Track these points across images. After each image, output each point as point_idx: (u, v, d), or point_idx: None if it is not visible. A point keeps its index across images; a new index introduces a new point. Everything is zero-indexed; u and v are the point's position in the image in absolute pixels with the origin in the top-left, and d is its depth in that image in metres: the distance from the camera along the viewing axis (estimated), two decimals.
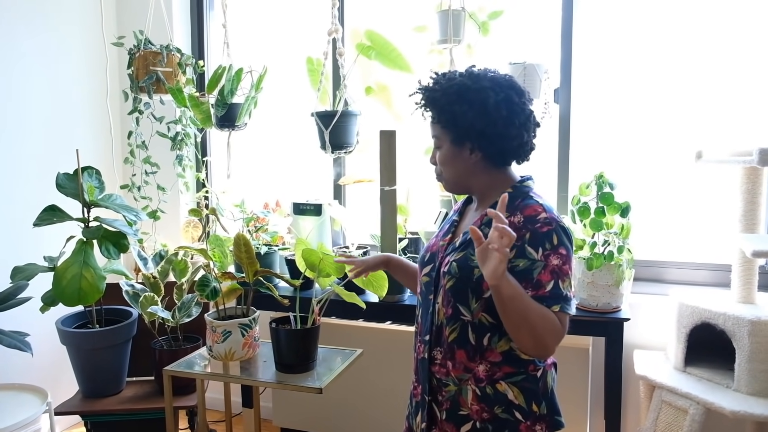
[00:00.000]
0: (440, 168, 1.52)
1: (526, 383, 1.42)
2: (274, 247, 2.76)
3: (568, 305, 1.34)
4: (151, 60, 2.86)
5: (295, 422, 2.99)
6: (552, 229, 1.35)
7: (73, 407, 2.55)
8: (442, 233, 1.58)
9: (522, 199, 1.43)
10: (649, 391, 2.39)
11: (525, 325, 1.30)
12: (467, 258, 1.41)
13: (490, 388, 1.42)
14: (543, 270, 1.33)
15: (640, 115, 2.74)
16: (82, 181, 2.45)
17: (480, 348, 1.41)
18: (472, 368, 1.42)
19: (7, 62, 2.90)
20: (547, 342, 1.32)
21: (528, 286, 1.33)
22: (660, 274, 2.72)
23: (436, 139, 1.51)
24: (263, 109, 3.05)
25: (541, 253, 1.33)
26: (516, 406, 1.41)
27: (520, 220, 1.37)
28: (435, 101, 1.45)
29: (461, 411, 1.45)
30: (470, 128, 1.41)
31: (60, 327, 2.58)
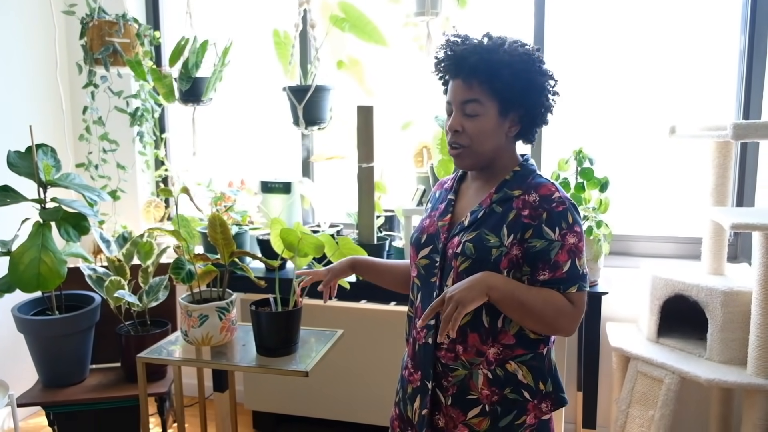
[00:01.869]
0: (471, 139, 1.38)
1: (534, 362, 1.40)
2: (245, 227, 2.67)
3: (584, 283, 1.34)
4: (106, 30, 2.69)
5: (268, 405, 2.93)
6: (566, 208, 1.34)
7: (34, 398, 2.42)
8: (439, 213, 1.49)
9: (532, 177, 1.40)
10: (622, 362, 2.45)
11: (529, 317, 1.32)
12: (482, 238, 1.36)
13: (500, 370, 1.39)
14: (560, 250, 1.32)
15: (613, 90, 2.76)
16: (37, 159, 2.30)
17: (494, 330, 1.38)
18: (484, 351, 1.39)
19: None
20: (560, 325, 1.33)
21: (545, 267, 1.32)
22: (629, 248, 2.77)
23: (475, 104, 1.35)
24: (227, 84, 2.93)
25: (558, 233, 1.32)
26: (524, 386, 1.40)
27: (536, 200, 1.35)
28: (496, 65, 1.32)
29: (470, 395, 1.41)
30: (532, 104, 1.36)
31: (17, 314, 2.43)
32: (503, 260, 1.33)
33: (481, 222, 1.38)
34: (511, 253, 1.34)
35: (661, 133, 2.47)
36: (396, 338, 2.62)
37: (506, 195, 1.38)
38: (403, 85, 2.76)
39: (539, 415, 1.41)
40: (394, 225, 2.67)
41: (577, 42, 2.76)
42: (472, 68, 1.34)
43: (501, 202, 1.38)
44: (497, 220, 1.36)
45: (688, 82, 2.65)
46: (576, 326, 1.35)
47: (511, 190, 1.38)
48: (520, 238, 1.33)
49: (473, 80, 1.35)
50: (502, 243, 1.34)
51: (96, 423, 2.51)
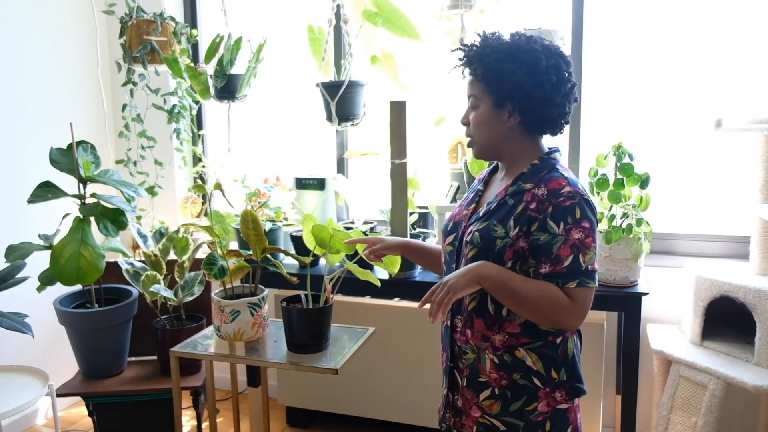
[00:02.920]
0: (473, 130, 1.47)
1: (544, 349, 1.41)
2: (279, 223, 2.68)
3: (588, 279, 1.33)
4: (144, 29, 2.73)
5: (301, 401, 2.94)
6: (575, 202, 1.34)
7: (73, 389, 2.48)
8: (467, 202, 1.56)
9: (547, 171, 1.41)
10: (663, 366, 2.36)
11: (523, 308, 1.34)
12: (490, 228, 1.40)
13: (507, 356, 1.42)
14: (563, 245, 1.33)
15: (655, 83, 2.66)
16: (77, 156, 2.35)
17: (499, 318, 1.42)
18: (490, 336, 1.43)
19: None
20: (558, 319, 1.33)
21: (546, 261, 1.34)
22: (673, 247, 2.67)
23: (473, 98, 1.45)
24: (263, 81, 2.94)
25: (562, 228, 1.33)
26: (534, 372, 1.41)
27: (544, 193, 1.36)
28: (483, 57, 1.40)
29: (480, 378, 1.46)
30: (516, 89, 1.38)
31: (58, 307, 2.49)
32: (507, 251, 1.37)
33: (493, 213, 1.43)
34: (516, 245, 1.36)
35: (707, 126, 2.37)
36: (430, 336, 2.59)
37: (519, 188, 1.41)
38: (437, 80, 2.72)
39: (553, 404, 1.41)
40: (429, 222, 2.64)
41: (617, 32, 2.67)
42: (470, 62, 1.43)
43: (513, 194, 1.42)
44: (507, 212, 1.40)
45: (735, 73, 2.53)
46: (577, 322, 1.34)
47: (524, 183, 1.41)
48: (526, 231, 1.36)
49: (472, 75, 1.44)
50: (507, 234, 1.37)
51: (133, 414, 2.56)
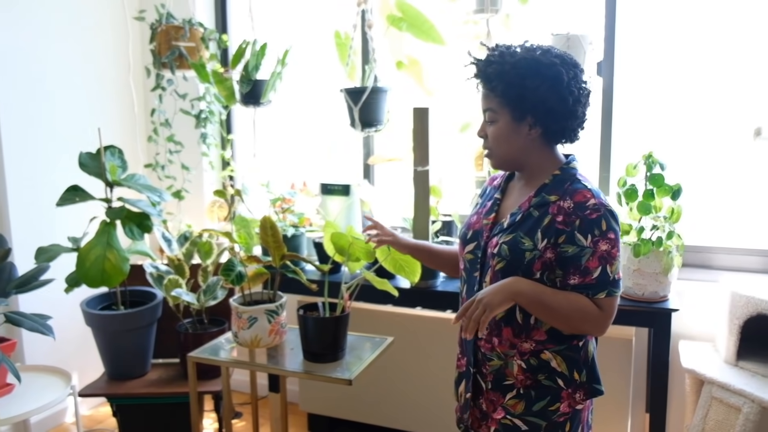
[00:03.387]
0: (491, 143, 1.48)
1: (569, 352, 1.46)
2: (302, 229, 2.67)
3: (615, 288, 1.40)
4: (173, 35, 2.76)
5: (322, 408, 2.92)
6: (601, 215, 1.37)
7: (98, 389, 2.52)
8: (485, 211, 1.56)
9: (570, 182, 1.43)
10: (696, 385, 2.26)
11: (556, 320, 1.40)
12: (517, 241, 1.42)
13: (534, 359, 1.46)
14: (591, 257, 1.37)
15: (689, 90, 2.56)
16: (105, 160, 2.38)
17: (527, 327, 1.45)
18: (517, 344, 1.46)
19: (30, 39, 2.82)
20: (587, 328, 1.41)
21: (576, 272, 1.38)
22: (707, 260, 2.56)
23: (491, 112, 1.45)
24: (290, 86, 2.94)
25: (590, 240, 1.37)
26: (558, 374, 1.45)
27: (570, 206, 1.39)
28: (503, 74, 1.39)
29: (507, 381, 1.49)
30: (540, 104, 1.39)
31: (84, 309, 2.53)
32: (536, 263, 1.40)
33: (518, 225, 1.44)
34: (544, 257, 1.39)
35: (745, 135, 2.27)
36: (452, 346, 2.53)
37: (543, 200, 1.43)
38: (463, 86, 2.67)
39: (573, 405, 1.46)
40: (453, 230, 2.59)
41: (650, 38, 2.58)
42: (487, 79, 1.43)
43: (538, 206, 1.43)
44: (533, 224, 1.42)
45: None
46: (604, 329, 1.41)
47: (548, 195, 1.43)
48: (554, 243, 1.39)
49: (489, 90, 1.44)
50: (535, 247, 1.40)
51: (156, 416, 2.58)
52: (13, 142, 2.79)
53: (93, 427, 3.09)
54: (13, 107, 2.78)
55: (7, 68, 2.75)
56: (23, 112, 2.82)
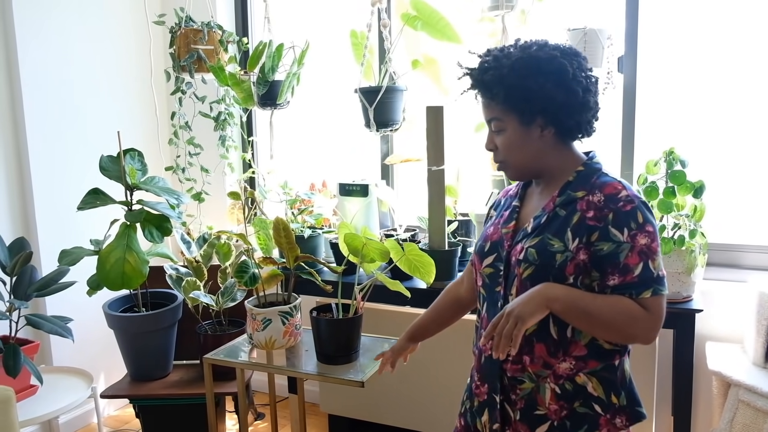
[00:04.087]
0: (504, 154, 1.36)
1: (605, 373, 1.32)
2: (319, 230, 2.66)
3: (661, 286, 1.25)
4: (192, 38, 2.79)
5: (343, 409, 2.91)
6: (635, 206, 1.25)
7: (119, 390, 2.55)
8: (503, 221, 1.44)
9: (597, 176, 1.32)
10: (723, 387, 2.19)
11: (598, 327, 1.25)
12: (545, 243, 1.30)
13: (569, 384, 1.31)
14: (630, 252, 1.23)
15: (715, 84, 2.48)
16: (125, 163, 2.41)
17: (564, 341, 1.31)
18: (553, 364, 1.31)
19: (58, 46, 2.89)
20: (635, 333, 1.24)
21: (615, 271, 1.24)
22: (736, 259, 2.48)
23: (496, 122, 1.35)
24: (309, 87, 2.94)
25: (627, 234, 1.24)
26: (595, 399, 1.32)
27: (601, 200, 1.27)
28: (502, 79, 1.30)
29: (538, 411, 1.34)
30: (548, 102, 1.29)
31: (106, 310, 2.57)
32: (569, 265, 1.27)
33: (545, 227, 1.32)
34: (577, 258, 1.26)
35: None
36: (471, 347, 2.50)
37: (570, 197, 1.31)
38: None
39: (613, 431, 1.32)
40: (470, 229, 2.56)
41: (673, 32, 2.51)
42: (486, 88, 1.33)
43: (564, 204, 1.32)
44: (561, 224, 1.30)
45: None
46: (655, 334, 1.26)
47: (574, 191, 1.31)
48: (587, 242, 1.26)
49: (489, 99, 1.34)
50: (566, 248, 1.27)
51: (178, 417, 2.60)
52: (39, 146, 2.85)
53: (119, 428, 3.14)
54: (39, 112, 2.84)
55: (35, 74, 2.81)
56: (49, 116, 2.89)
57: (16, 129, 2.81)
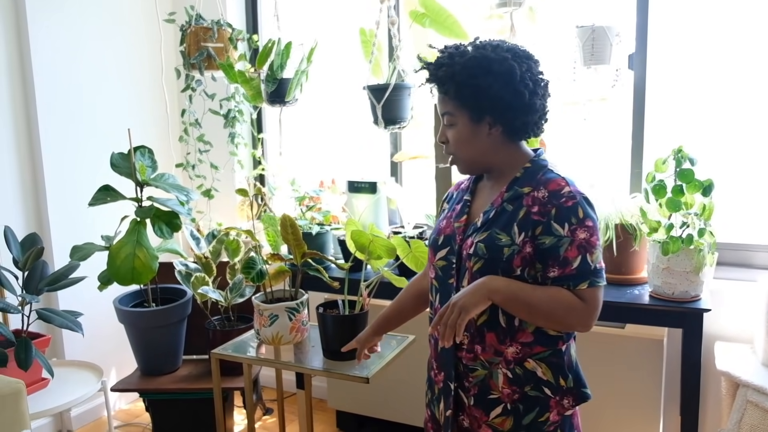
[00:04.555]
0: (454, 148, 1.43)
1: (554, 358, 1.40)
2: (327, 227, 2.67)
3: (598, 279, 1.33)
4: (202, 36, 2.80)
5: (350, 405, 2.93)
6: (576, 202, 1.33)
7: (129, 384, 2.58)
8: (455, 214, 1.50)
9: (543, 172, 1.40)
10: (732, 388, 2.17)
11: (537, 317, 1.34)
12: (493, 238, 1.37)
13: (519, 368, 1.39)
14: (570, 246, 1.32)
15: (725, 81, 2.46)
16: (135, 160, 2.44)
17: (511, 329, 1.39)
18: (503, 351, 1.40)
19: (70, 44, 2.92)
20: (571, 323, 1.34)
21: (555, 264, 1.33)
22: (747, 259, 2.46)
23: (448, 116, 1.41)
24: (318, 84, 2.95)
25: (567, 229, 1.32)
26: (545, 382, 1.40)
27: (545, 195, 1.35)
28: (453, 75, 1.36)
29: (491, 395, 1.42)
30: (496, 101, 1.35)
31: (117, 305, 2.60)
32: (516, 258, 1.34)
33: (493, 221, 1.39)
34: (524, 251, 1.34)
35: None
36: None
37: (516, 192, 1.39)
38: None
39: (562, 412, 1.41)
40: None
41: (683, 30, 2.49)
42: (440, 83, 1.39)
43: (512, 200, 1.39)
44: (508, 219, 1.37)
45: None
46: (591, 323, 1.34)
47: (521, 187, 1.39)
48: (531, 236, 1.34)
49: (443, 94, 1.40)
50: (513, 242, 1.35)
51: (187, 411, 2.63)
52: (52, 143, 2.89)
53: (129, 421, 3.18)
54: (51, 109, 2.88)
55: (48, 71, 2.85)
56: (61, 114, 2.92)
57: (29, 126, 2.84)
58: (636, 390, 2.32)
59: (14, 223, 2.77)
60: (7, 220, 2.74)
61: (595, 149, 2.61)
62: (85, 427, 3.11)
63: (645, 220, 2.10)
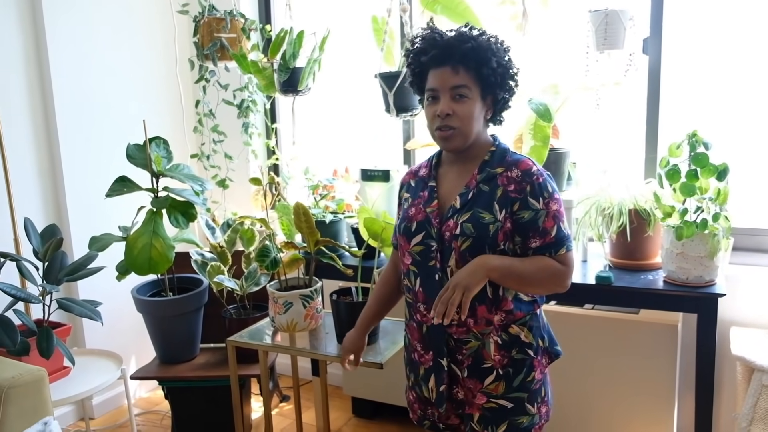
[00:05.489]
0: (462, 121, 1.46)
1: (532, 321, 1.53)
2: (340, 215, 2.69)
3: (571, 243, 1.49)
4: (215, 26, 2.82)
5: (366, 392, 2.95)
6: (544, 179, 1.47)
7: (148, 372, 2.62)
8: (424, 201, 1.56)
9: (509, 155, 1.52)
10: (747, 373, 2.16)
11: (528, 286, 1.47)
12: (477, 217, 1.46)
13: (505, 334, 1.50)
14: (546, 217, 1.45)
15: (740, 66, 2.43)
16: (150, 151, 2.46)
17: (496, 299, 1.49)
18: (492, 320, 1.49)
19: (81, 35, 2.95)
20: (556, 286, 1.48)
21: (535, 235, 1.45)
22: (763, 243, 2.44)
23: (463, 89, 1.46)
24: (331, 73, 2.95)
25: (542, 202, 1.45)
26: (528, 345, 1.51)
27: (518, 175, 1.47)
28: (485, 52, 1.45)
29: (485, 364, 1.51)
30: (501, 86, 1.48)
31: (135, 295, 2.64)
32: (499, 234, 1.45)
33: (473, 202, 1.48)
34: (505, 227, 1.45)
35: None
36: None
37: (489, 174, 1.49)
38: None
39: (542, 370, 1.55)
40: None
41: (700, 10, 2.46)
42: (463, 55, 1.44)
43: (486, 181, 1.49)
44: (487, 198, 1.47)
45: None
46: (568, 283, 1.49)
47: (493, 168, 1.49)
48: (510, 212, 1.45)
49: (460, 66, 1.45)
50: (496, 219, 1.45)
51: (205, 398, 2.67)
52: (69, 135, 2.93)
53: (149, 409, 3.24)
54: (69, 102, 2.92)
55: (64, 64, 2.88)
56: (78, 106, 2.96)
57: (47, 120, 2.88)
58: (650, 376, 2.32)
59: (34, 214, 2.82)
60: (27, 212, 2.79)
61: (609, 135, 2.60)
62: (106, 414, 3.17)
63: (659, 205, 2.08)
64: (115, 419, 3.13)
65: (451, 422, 1.61)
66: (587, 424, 2.45)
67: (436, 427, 1.64)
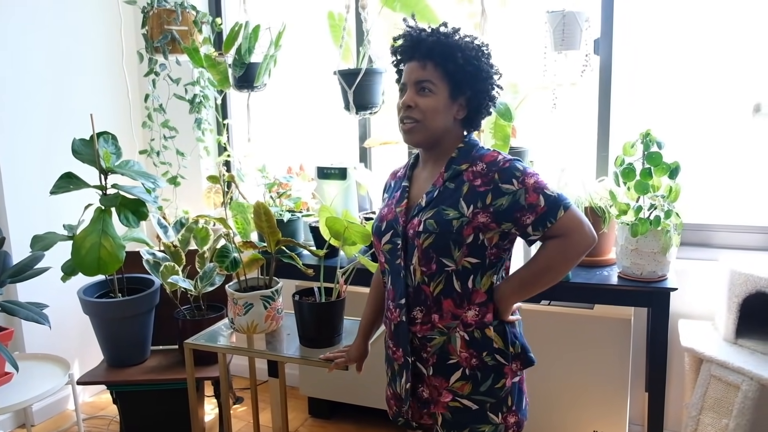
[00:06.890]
0: (423, 115, 1.45)
1: (501, 326, 1.49)
2: (297, 214, 2.65)
3: (565, 200, 1.41)
4: (165, 18, 2.73)
5: (323, 392, 2.93)
6: (512, 162, 1.43)
7: (96, 377, 2.52)
8: (396, 201, 1.57)
9: (476, 150, 1.49)
10: (695, 363, 2.25)
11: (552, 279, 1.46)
12: (441, 213, 1.43)
13: (478, 332, 1.47)
14: (527, 193, 1.40)
15: (689, 66, 2.53)
16: (98, 147, 2.36)
17: (466, 293, 1.46)
18: (460, 315, 1.47)
19: (19, 25, 2.79)
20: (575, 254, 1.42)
21: (524, 213, 1.40)
22: (708, 238, 2.54)
23: (428, 83, 1.43)
24: (285, 69, 2.90)
25: (517, 183, 1.40)
26: (498, 351, 1.48)
27: (483, 168, 1.44)
28: (450, 48, 1.42)
29: (450, 360, 1.48)
30: (478, 91, 1.45)
31: (82, 297, 2.53)
32: (466, 228, 1.41)
33: (438, 200, 1.46)
34: (476, 221, 1.41)
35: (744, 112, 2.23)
36: None
37: (455, 171, 1.47)
38: None
39: (513, 378, 1.50)
40: None
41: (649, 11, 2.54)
42: (429, 49, 1.42)
43: (452, 178, 1.47)
44: (452, 196, 1.44)
45: None
46: (591, 234, 1.42)
47: (458, 165, 1.47)
48: (483, 206, 1.41)
49: (428, 61, 1.43)
50: (462, 214, 1.41)
51: (156, 402, 2.58)
52: (7, 129, 2.77)
53: (95, 414, 3.11)
54: (4, 94, 2.76)
55: (2, 56, 2.72)
56: (16, 99, 2.80)
57: None
58: (605, 368, 2.39)
59: None
60: None
61: (565, 134, 2.65)
62: (48, 420, 3.03)
63: (614, 202, 2.14)
64: (58, 425, 3.00)
65: (424, 422, 1.59)
66: (544, 416, 2.50)
67: (409, 424, 1.63)
